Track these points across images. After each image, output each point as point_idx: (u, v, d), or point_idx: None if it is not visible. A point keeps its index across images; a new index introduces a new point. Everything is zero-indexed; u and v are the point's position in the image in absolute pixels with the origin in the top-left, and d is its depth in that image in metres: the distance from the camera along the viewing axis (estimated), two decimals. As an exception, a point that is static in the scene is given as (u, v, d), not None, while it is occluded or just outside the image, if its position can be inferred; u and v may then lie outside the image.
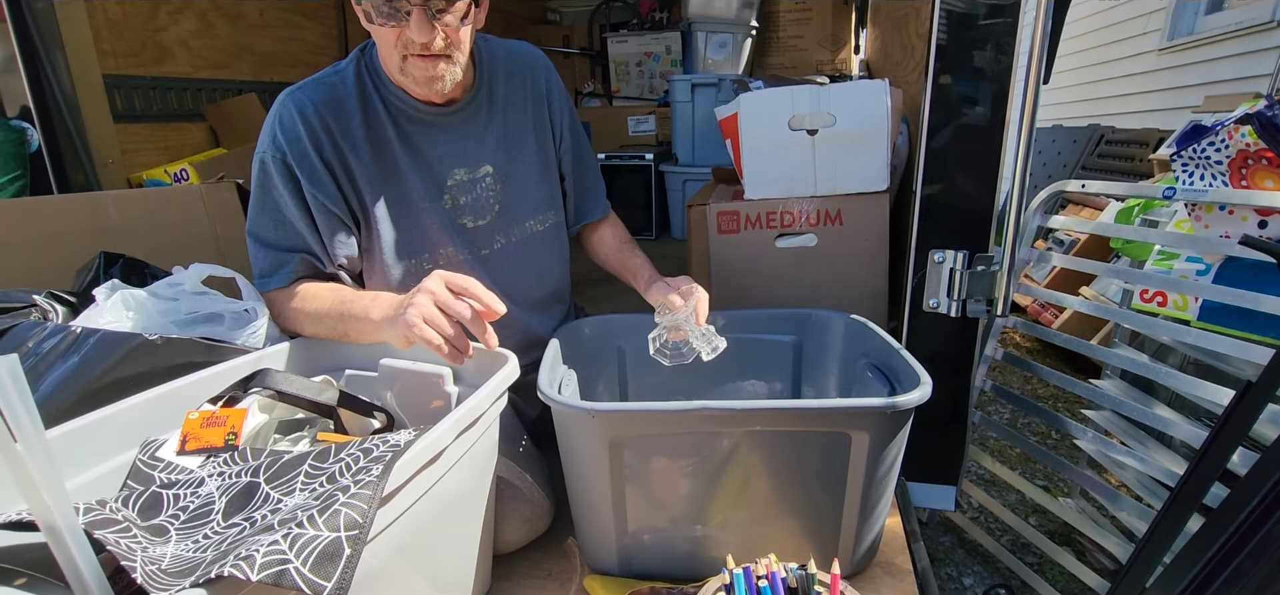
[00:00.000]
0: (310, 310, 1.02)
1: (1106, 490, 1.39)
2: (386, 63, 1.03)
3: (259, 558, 0.52)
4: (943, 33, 1.20)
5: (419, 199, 1.09)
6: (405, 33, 0.95)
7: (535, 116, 1.20)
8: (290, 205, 1.03)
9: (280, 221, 1.03)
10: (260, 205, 1.04)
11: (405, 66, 0.99)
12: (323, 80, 1.05)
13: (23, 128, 1.56)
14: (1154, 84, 4.35)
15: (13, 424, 0.48)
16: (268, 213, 1.04)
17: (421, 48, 0.96)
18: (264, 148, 1.02)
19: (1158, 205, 1.68)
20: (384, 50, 1.00)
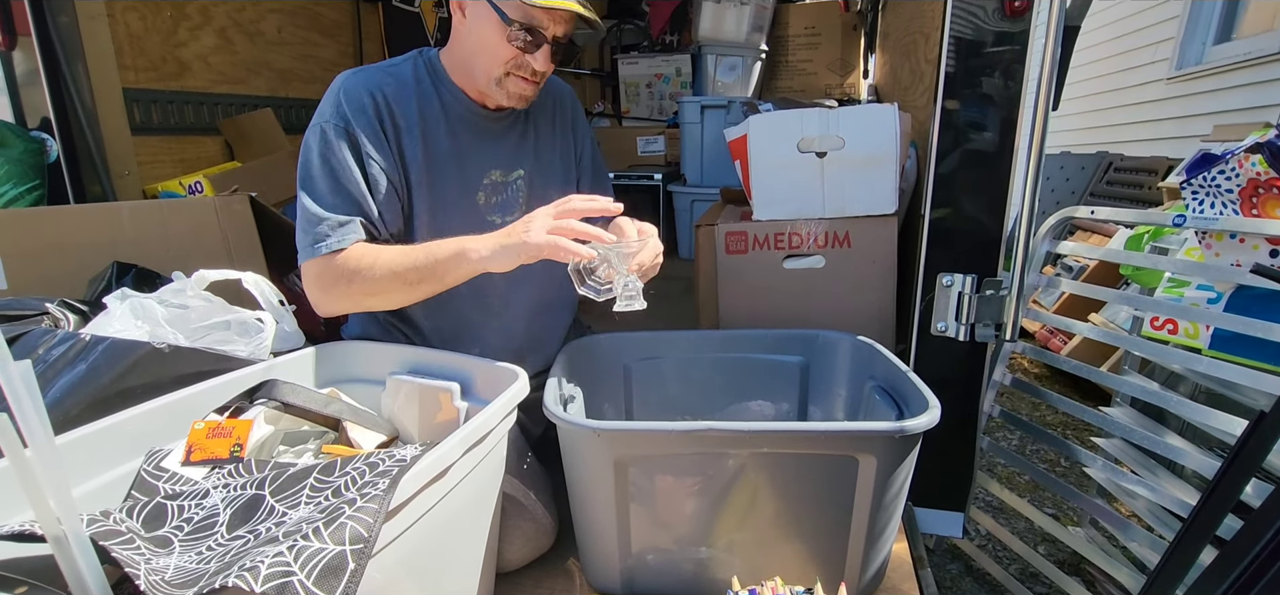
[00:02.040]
0: (386, 262, 1.01)
1: (1117, 519, 1.37)
2: (476, 67, 1.10)
3: (263, 569, 0.52)
4: (952, 59, 1.21)
5: (457, 190, 1.16)
6: (526, 57, 1.07)
7: (561, 137, 1.30)
8: (351, 170, 1.05)
9: (339, 187, 1.05)
10: (319, 170, 1.05)
11: (504, 80, 1.10)
12: (383, 68, 1.13)
13: (43, 139, 1.58)
14: (1163, 112, 4.35)
15: (24, 429, 0.48)
16: (325, 179, 1.05)
17: (531, 73, 1.09)
18: (326, 117, 1.06)
19: (1167, 233, 1.67)
20: (489, 59, 1.08)
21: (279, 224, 1.51)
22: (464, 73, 1.13)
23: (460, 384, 1.01)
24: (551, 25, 1.07)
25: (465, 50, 1.11)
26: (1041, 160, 1.10)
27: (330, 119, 1.06)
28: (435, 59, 1.16)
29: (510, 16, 1.04)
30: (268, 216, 1.46)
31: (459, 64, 1.13)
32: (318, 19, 2.39)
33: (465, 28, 1.10)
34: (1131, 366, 1.61)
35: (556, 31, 1.08)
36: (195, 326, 1.08)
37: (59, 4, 1.55)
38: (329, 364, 1.10)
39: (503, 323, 1.24)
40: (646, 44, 3.61)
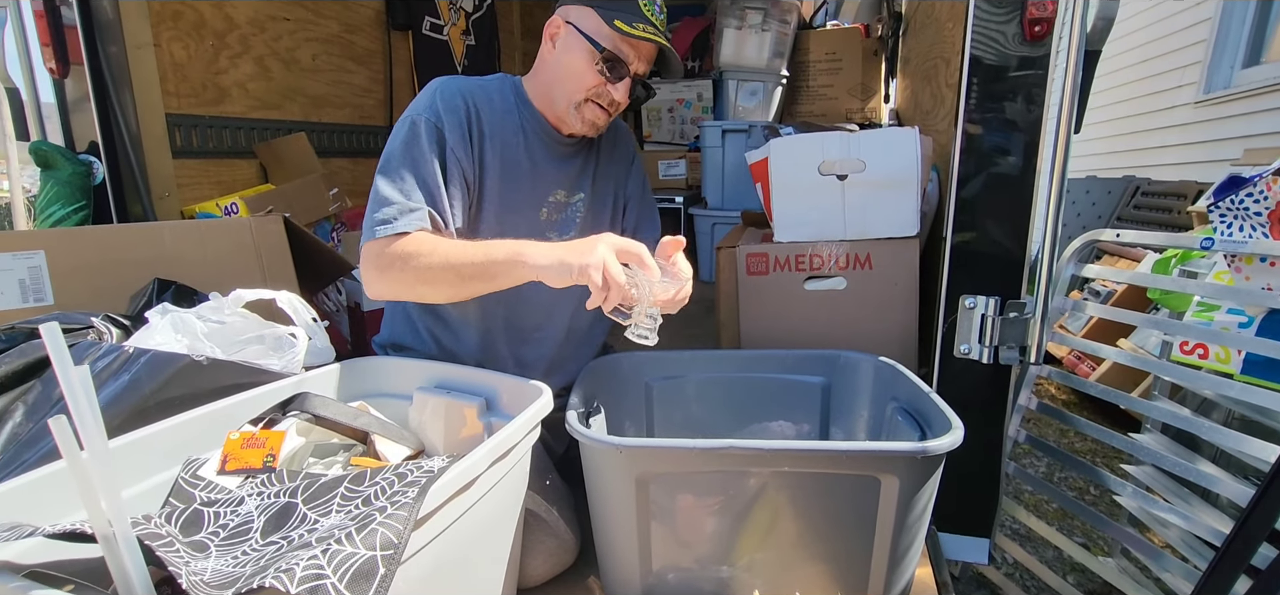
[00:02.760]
0: (444, 252, 1.03)
1: (1149, 549, 1.34)
2: (558, 92, 1.19)
3: (298, 571, 0.54)
4: (973, 84, 1.22)
5: (524, 201, 1.23)
6: (607, 88, 1.16)
7: (617, 169, 1.39)
8: (431, 163, 1.10)
9: (418, 176, 1.09)
10: (400, 157, 1.10)
11: (582, 107, 1.18)
12: (477, 81, 1.22)
13: (89, 162, 1.66)
14: (1191, 136, 4.29)
15: (82, 434, 0.51)
16: (407, 165, 1.10)
17: (609, 102, 1.18)
18: (419, 112, 1.12)
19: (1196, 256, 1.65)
20: (572, 85, 1.17)
21: (310, 243, 1.56)
22: (545, 98, 1.22)
23: (485, 399, 1.03)
24: (636, 61, 1.16)
25: (550, 76, 1.20)
26: (1064, 183, 1.10)
27: (423, 113, 1.12)
28: (520, 85, 1.25)
29: (602, 45, 1.13)
30: (300, 236, 1.51)
31: (541, 89, 1.22)
32: (351, 47, 2.47)
33: (554, 56, 1.19)
34: (1162, 392, 1.58)
35: (639, 68, 1.18)
36: (232, 341, 1.11)
37: (109, 34, 1.62)
38: (358, 378, 1.13)
39: (535, 343, 1.28)
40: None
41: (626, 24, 1.12)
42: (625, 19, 1.13)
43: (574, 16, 1.17)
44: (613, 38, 1.14)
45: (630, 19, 1.14)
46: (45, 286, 1.32)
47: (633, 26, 1.13)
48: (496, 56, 3.24)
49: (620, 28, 1.12)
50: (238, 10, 1.98)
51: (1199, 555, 1.32)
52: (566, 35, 1.17)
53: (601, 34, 1.14)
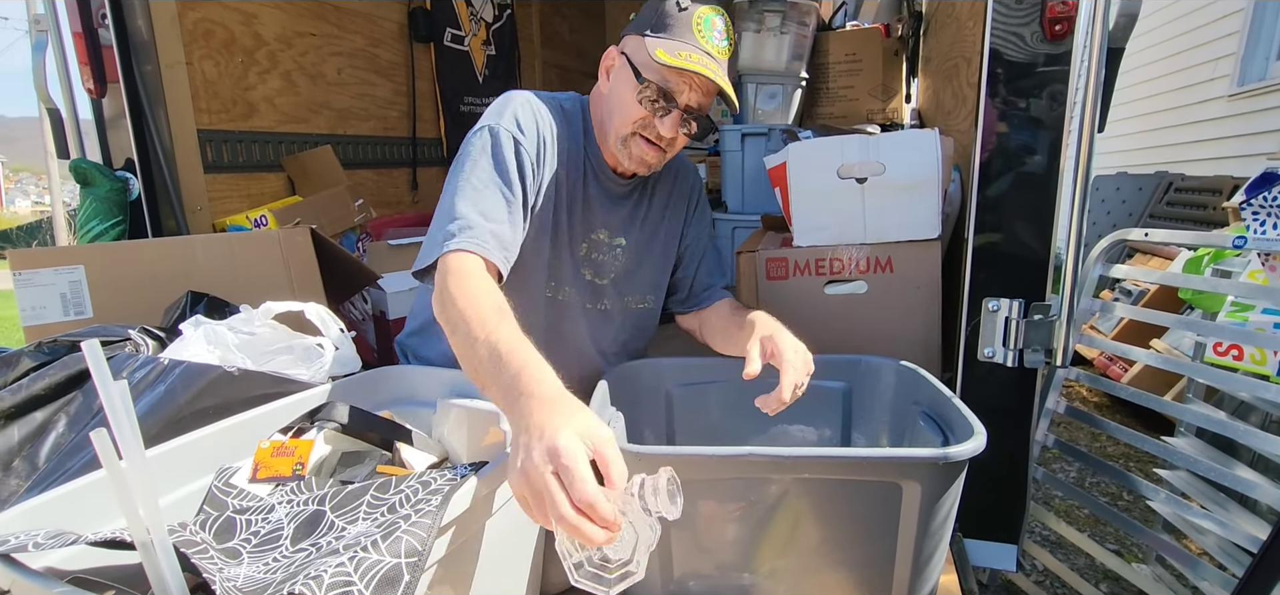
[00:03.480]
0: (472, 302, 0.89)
1: (1185, 556, 1.31)
2: (609, 126, 1.14)
3: (326, 578, 0.56)
4: (993, 83, 1.21)
5: (568, 232, 1.19)
6: (655, 121, 1.09)
7: (671, 216, 1.33)
8: (511, 175, 1.05)
9: (491, 191, 1.04)
10: (471, 169, 1.04)
11: (630, 141, 1.13)
12: (553, 99, 1.18)
13: (126, 178, 1.71)
14: (1225, 130, 4.18)
15: (121, 444, 0.53)
16: (476, 176, 1.04)
17: (658, 137, 1.11)
18: (496, 121, 1.07)
19: (1229, 255, 1.61)
20: (620, 118, 1.11)
21: (337, 254, 1.59)
22: (601, 132, 1.18)
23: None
24: (685, 91, 1.08)
25: (602, 110, 1.16)
26: (1088, 183, 1.08)
27: (500, 123, 1.07)
28: (588, 114, 1.21)
29: (644, 75, 1.07)
30: (326, 247, 1.54)
31: (598, 123, 1.18)
32: (374, 60, 2.52)
33: (607, 88, 1.15)
34: (1196, 395, 1.54)
35: (689, 99, 1.09)
36: (262, 352, 1.14)
37: (144, 54, 1.68)
38: (383, 387, 1.15)
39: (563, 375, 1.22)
40: (686, 75, 3.66)
41: (669, 53, 1.05)
42: (670, 47, 1.06)
43: (627, 47, 1.13)
44: (656, 68, 1.07)
45: (675, 47, 1.06)
46: (85, 300, 1.37)
47: (675, 55, 1.05)
48: (517, 65, 3.28)
49: (663, 58, 1.04)
50: (265, 27, 2.03)
51: (1237, 562, 1.29)
52: (618, 66, 1.13)
53: (647, 63, 1.07)
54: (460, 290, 0.91)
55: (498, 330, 0.83)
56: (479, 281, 0.93)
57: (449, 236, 0.98)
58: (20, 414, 1.01)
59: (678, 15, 1.08)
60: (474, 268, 0.96)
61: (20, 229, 16.43)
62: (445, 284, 0.93)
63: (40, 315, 1.35)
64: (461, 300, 0.89)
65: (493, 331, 0.83)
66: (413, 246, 2.01)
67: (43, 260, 1.36)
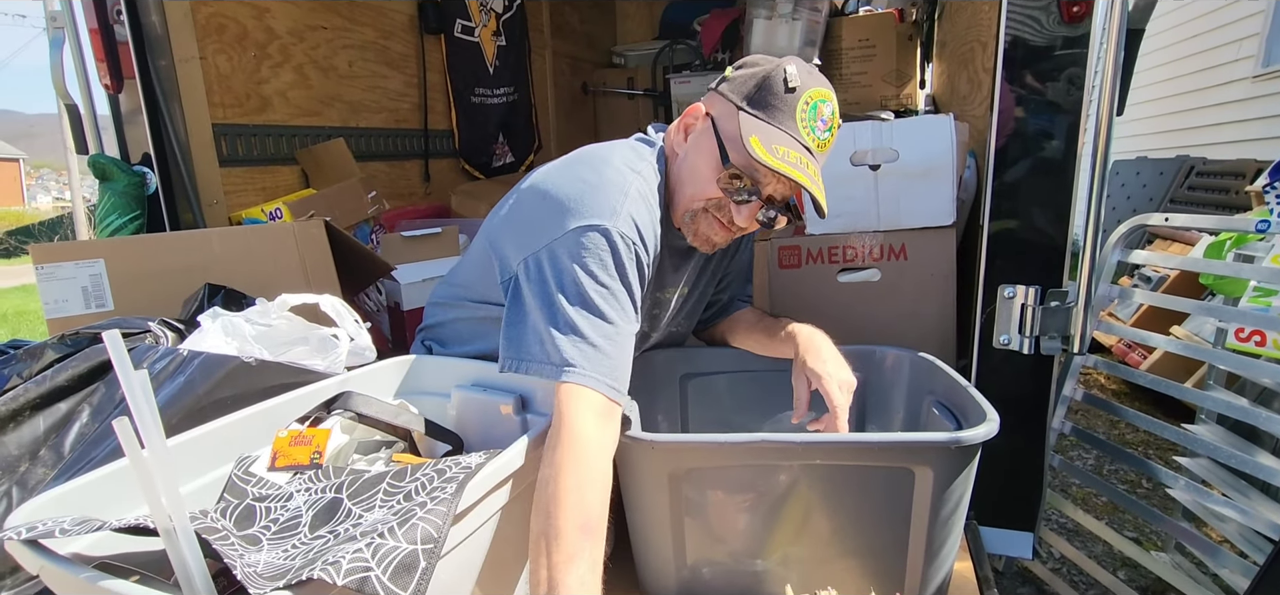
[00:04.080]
0: (568, 495, 0.77)
1: (1205, 544, 1.30)
2: (679, 195, 1.02)
3: (345, 564, 0.56)
4: (1010, 67, 1.19)
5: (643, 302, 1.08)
6: (730, 207, 0.98)
7: (722, 256, 1.25)
8: (633, 294, 0.92)
9: (619, 308, 0.89)
10: (589, 279, 0.87)
11: (699, 216, 1.01)
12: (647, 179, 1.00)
13: (143, 173, 1.73)
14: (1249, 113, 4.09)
15: (142, 433, 0.54)
16: (597, 289, 0.87)
17: (730, 222, 1.00)
18: (607, 219, 0.89)
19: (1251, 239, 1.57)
20: (692, 191, 1.00)
21: (351, 246, 1.60)
22: (675, 202, 1.04)
23: (521, 397, 1.04)
24: (771, 183, 0.97)
25: (679, 173, 1.03)
26: (1106, 167, 1.07)
27: (614, 222, 0.89)
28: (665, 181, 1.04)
29: (731, 156, 0.95)
30: (340, 239, 1.55)
31: (671, 183, 1.04)
32: (385, 52, 2.52)
33: (684, 149, 1.03)
34: (1217, 381, 1.52)
35: (774, 191, 0.98)
36: (278, 343, 1.16)
37: (158, 49, 1.70)
38: (398, 377, 1.16)
39: None
40: (698, 62, 3.64)
41: (764, 146, 0.91)
42: (766, 137, 0.92)
43: (717, 109, 0.99)
44: (746, 155, 0.92)
45: (772, 138, 0.92)
46: (105, 293, 1.39)
47: (771, 151, 0.91)
48: (527, 56, 3.27)
49: (757, 151, 0.90)
50: (277, 21, 2.04)
51: (1258, 550, 1.27)
52: (701, 131, 1.00)
53: (736, 143, 0.94)
54: (569, 461, 0.79)
55: (567, 568, 0.73)
56: (592, 463, 0.80)
57: (567, 365, 0.84)
58: (45, 405, 1.03)
59: (784, 96, 0.95)
60: (592, 428, 0.82)
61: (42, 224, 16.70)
62: (560, 438, 0.80)
63: (62, 308, 1.37)
64: (564, 480, 0.77)
65: (560, 568, 0.73)
66: (426, 238, 2.02)
67: (64, 254, 1.38)
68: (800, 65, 0.98)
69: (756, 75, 0.98)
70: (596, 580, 0.75)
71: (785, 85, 0.95)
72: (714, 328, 1.37)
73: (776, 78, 0.96)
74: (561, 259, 0.88)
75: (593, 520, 0.77)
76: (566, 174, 0.98)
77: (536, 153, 3.37)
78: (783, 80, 0.95)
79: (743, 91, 0.98)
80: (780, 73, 0.96)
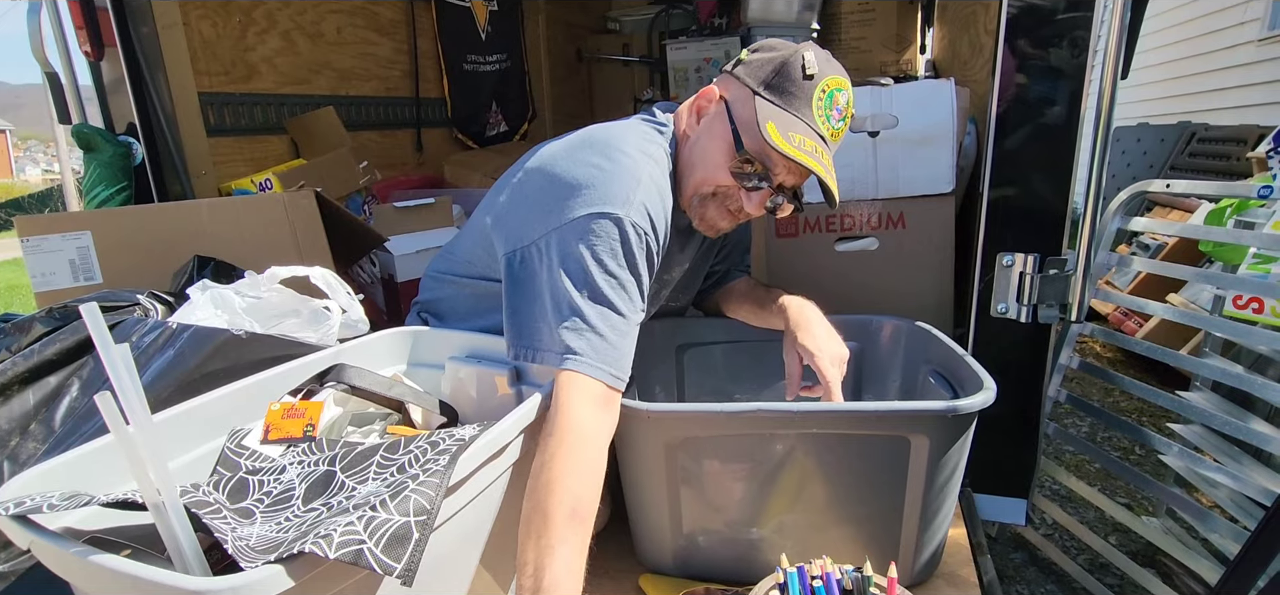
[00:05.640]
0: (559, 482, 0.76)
1: (1196, 509, 1.31)
2: (688, 178, 1.01)
3: (336, 537, 0.56)
4: (1012, 29, 1.16)
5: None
6: (739, 194, 0.97)
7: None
8: (642, 284, 0.90)
9: (627, 299, 0.88)
10: (598, 268, 0.86)
11: (708, 201, 1.00)
12: (660, 164, 0.98)
13: (129, 143, 1.70)
14: (1253, 77, 4.05)
15: (126, 409, 0.53)
16: (605, 278, 0.86)
17: (738, 209, 0.99)
18: (619, 207, 0.87)
19: (1253, 205, 1.56)
20: (702, 175, 0.98)
21: (343, 217, 1.58)
22: (684, 185, 1.02)
23: (516, 370, 1.04)
24: (783, 170, 0.96)
25: (689, 156, 1.01)
26: (1109, 132, 1.05)
27: (627, 210, 0.87)
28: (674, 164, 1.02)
29: (744, 142, 0.94)
30: (332, 210, 1.53)
31: (681, 165, 1.02)
32: (375, 18, 2.46)
33: (696, 132, 1.00)
34: (1213, 349, 1.52)
35: (785, 179, 0.97)
36: (269, 315, 1.14)
37: (140, 16, 1.65)
38: (392, 349, 1.15)
39: None
40: (695, 28, 3.57)
41: (780, 133, 0.90)
42: (782, 124, 0.91)
43: (732, 93, 0.97)
44: (760, 141, 0.91)
45: (788, 124, 0.91)
46: (93, 266, 1.37)
47: (787, 137, 0.90)
48: (520, 22, 3.21)
49: (773, 137, 0.89)
50: (262, -15, 1.99)
51: (1249, 515, 1.29)
52: (714, 114, 0.98)
53: (751, 129, 0.93)
54: (563, 448, 0.78)
55: (553, 552, 0.73)
56: (585, 451, 0.80)
57: (569, 352, 0.83)
58: (35, 378, 1.02)
59: (801, 83, 0.93)
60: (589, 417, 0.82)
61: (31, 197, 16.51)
62: (556, 424, 0.80)
63: (50, 281, 1.36)
64: (556, 466, 0.77)
65: (547, 552, 0.73)
66: (419, 209, 2.00)
67: (50, 226, 1.36)
68: (817, 51, 0.96)
69: (774, 60, 0.96)
70: (582, 566, 0.75)
71: (803, 72, 0.93)
72: (709, 298, 1.36)
73: (794, 64, 0.94)
74: (571, 245, 0.86)
75: (583, 507, 0.77)
76: (576, 157, 0.95)
77: (531, 121, 3.32)
78: (800, 67, 0.94)
79: (759, 76, 0.96)
80: (799, 59, 0.94)
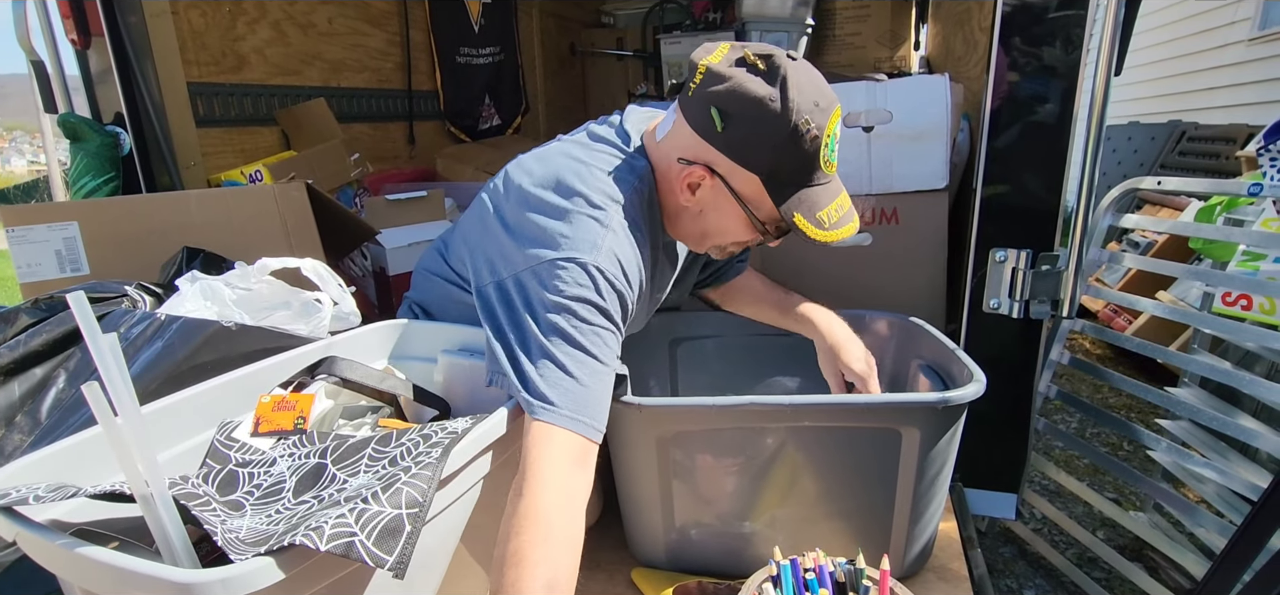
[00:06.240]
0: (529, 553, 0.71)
1: (1183, 504, 1.32)
2: (696, 237, 1.01)
3: (328, 529, 0.55)
4: (1006, 26, 1.16)
5: (639, 320, 1.07)
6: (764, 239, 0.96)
7: None
8: (618, 330, 0.87)
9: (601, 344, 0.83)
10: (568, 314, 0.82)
11: (726, 248, 1.02)
12: (645, 217, 0.94)
13: (116, 133, 1.68)
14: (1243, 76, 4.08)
15: (114, 400, 0.52)
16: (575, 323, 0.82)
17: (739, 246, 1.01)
18: (586, 254, 0.83)
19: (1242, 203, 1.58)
20: (718, 238, 0.98)
21: (334, 209, 1.57)
22: (678, 233, 1.02)
23: (508, 361, 1.03)
24: None
25: (692, 228, 0.99)
26: (1102, 129, 1.05)
27: (598, 261, 0.84)
28: (656, 193, 0.98)
29: (761, 221, 0.92)
30: (323, 202, 1.52)
31: (674, 219, 1.00)
32: (366, 9, 2.44)
33: (694, 206, 0.95)
34: (1202, 345, 1.53)
35: None
36: (260, 307, 1.13)
37: (128, 3, 1.63)
38: (384, 342, 1.14)
39: None
40: (689, 23, 3.57)
41: (809, 222, 0.88)
42: (806, 209, 0.88)
43: (726, 171, 0.90)
44: (788, 225, 0.90)
45: (812, 208, 0.88)
46: (80, 256, 1.35)
47: (818, 225, 0.88)
48: (514, 14, 3.19)
49: (803, 228, 0.88)
50: (253, -27, 1.97)
51: (1235, 510, 1.30)
52: (716, 194, 0.92)
53: (770, 215, 0.91)
54: (533, 521, 0.73)
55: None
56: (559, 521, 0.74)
57: (545, 403, 0.78)
58: (20, 370, 1.01)
59: (807, 154, 0.87)
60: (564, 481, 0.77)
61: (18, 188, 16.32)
62: (525, 488, 0.75)
63: (35, 273, 1.34)
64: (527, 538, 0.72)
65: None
66: (411, 202, 1.98)
67: (35, 217, 1.34)
68: (802, 94, 0.85)
69: (768, 138, 0.86)
70: None
71: (807, 139, 0.85)
72: (711, 291, 1.33)
73: (796, 137, 0.85)
74: (537, 289, 0.83)
75: (561, 580, 0.72)
76: (545, 196, 0.91)
77: (524, 115, 3.31)
78: (802, 136, 0.85)
79: (758, 160, 0.88)
80: (797, 125, 0.84)
